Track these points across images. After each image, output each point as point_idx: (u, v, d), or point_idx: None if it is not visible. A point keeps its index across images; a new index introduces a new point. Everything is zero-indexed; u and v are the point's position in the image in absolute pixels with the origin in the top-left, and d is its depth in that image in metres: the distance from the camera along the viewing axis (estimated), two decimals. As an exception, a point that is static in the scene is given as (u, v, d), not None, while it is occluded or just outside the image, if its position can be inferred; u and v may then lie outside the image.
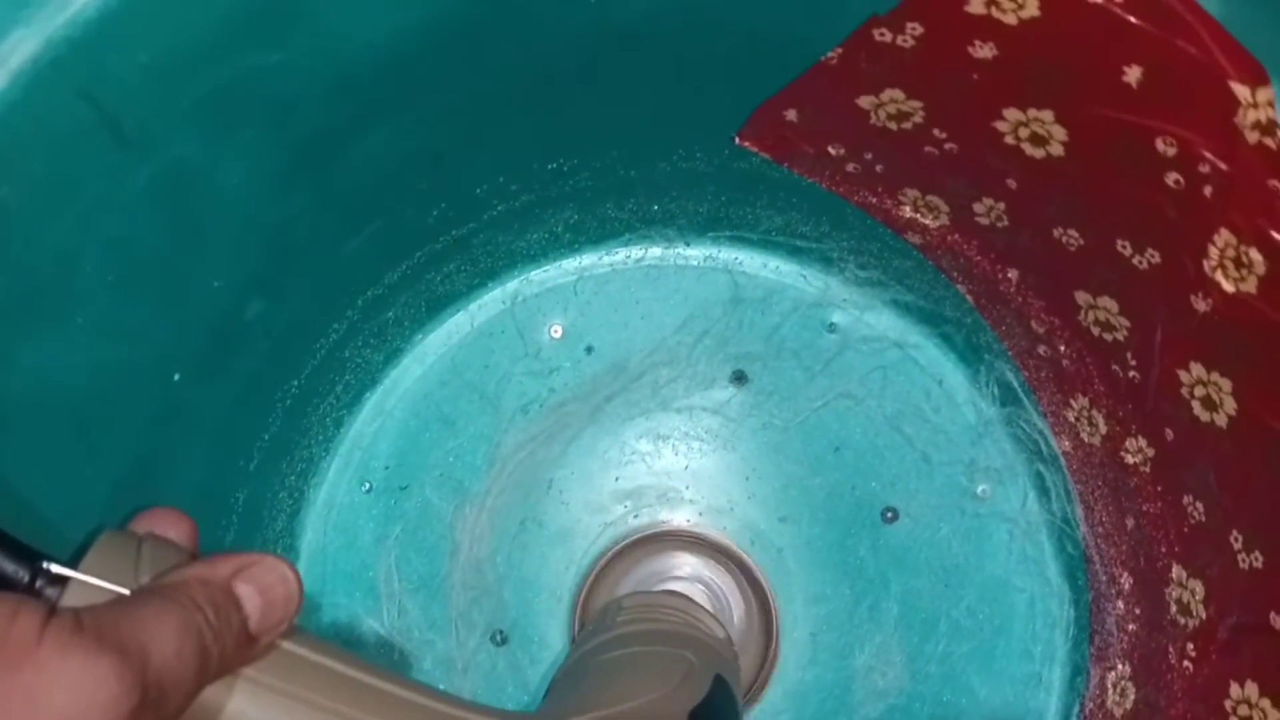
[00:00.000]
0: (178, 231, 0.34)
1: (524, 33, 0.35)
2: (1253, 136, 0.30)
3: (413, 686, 0.28)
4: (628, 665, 0.36)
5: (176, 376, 0.37)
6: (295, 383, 0.45)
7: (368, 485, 0.50)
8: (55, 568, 0.23)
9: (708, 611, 0.47)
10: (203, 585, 0.24)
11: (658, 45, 0.37)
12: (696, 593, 0.49)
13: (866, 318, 0.51)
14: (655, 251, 0.52)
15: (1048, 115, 0.35)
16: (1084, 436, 0.46)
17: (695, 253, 0.52)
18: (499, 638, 0.50)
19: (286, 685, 0.25)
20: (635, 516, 0.50)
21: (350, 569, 0.50)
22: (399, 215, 0.43)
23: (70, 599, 0.23)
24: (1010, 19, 0.32)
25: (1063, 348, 0.44)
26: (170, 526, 0.28)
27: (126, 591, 0.23)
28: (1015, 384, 0.48)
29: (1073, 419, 0.46)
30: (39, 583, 0.23)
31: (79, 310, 0.32)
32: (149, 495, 0.39)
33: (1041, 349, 0.46)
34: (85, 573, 0.23)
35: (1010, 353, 0.47)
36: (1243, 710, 0.38)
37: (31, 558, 0.23)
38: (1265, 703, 0.37)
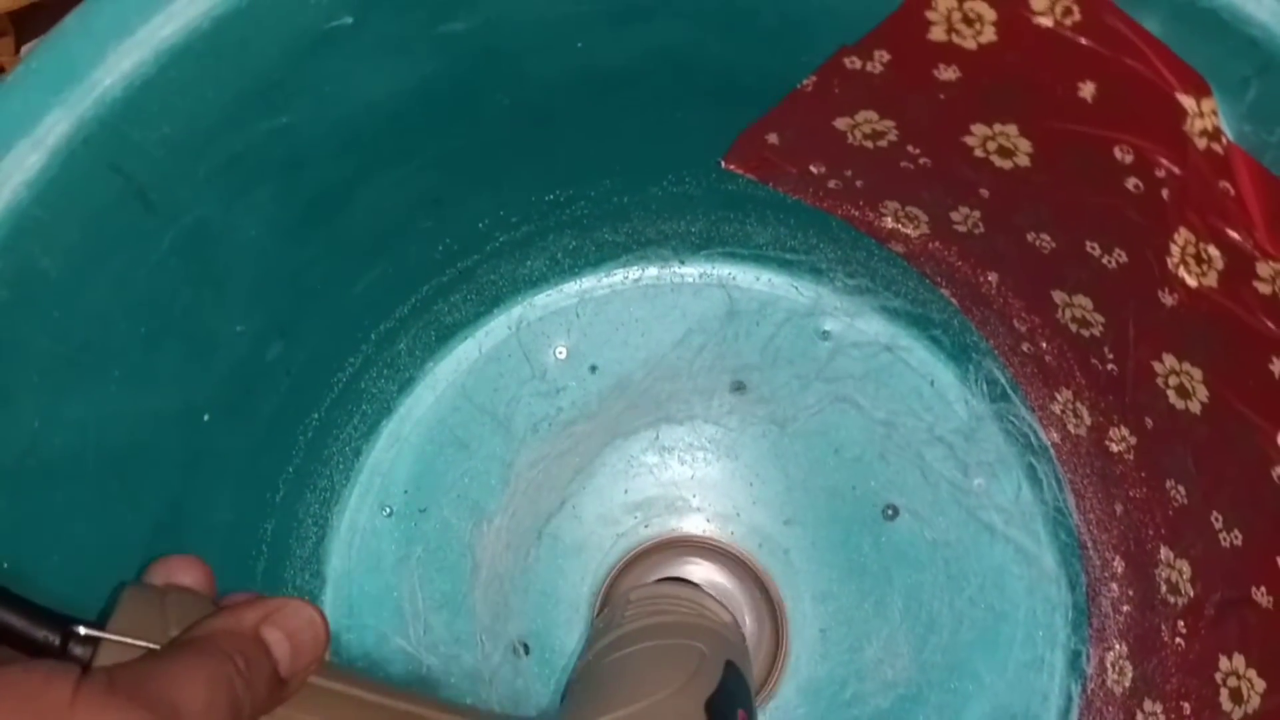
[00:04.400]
0: (201, 285, 0.36)
1: (514, 83, 0.37)
2: (1201, 143, 0.32)
3: (436, 705, 0.29)
4: (640, 661, 0.38)
5: (206, 417, 0.39)
6: (315, 416, 0.47)
7: (388, 510, 0.52)
8: (85, 630, 0.24)
9: (713, 598, 0.48)
10: (231, 635, 0.25)
11: (642, 85, 0.39)
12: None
13: (857, 324, 0.53)
14: (652, 271, 0.54)
15: (1012, 129, 0.37)
16: (1070, 428, 0.48)
17: (690, 270, 0.54)
18: (522, 649, 0.52)
19: (317, 719, 0.26)
20: (646, 526, 0.53)
21: (375, 591, 0.52)
22: (405, 253, 0.45)
23: (102, 659, 0.24)
24: (970, 44, 0.34)
25: (1044, 344, 0.46)
26: (186, 573, 0.28)
27: (157, 647, 0.24)
28: (1003, 381, 0.50)
29: (1059, 412, 0.48)
30: (70, 645, 0.24)
31: (114, 365, 0.34)
32: (185, 534, 0.41)
33: (1025, 346, 0.48)
34: (114, 631, 0.24)
35: (996, 351, 0.49)
36: (1232, 681, 0.40)
37: (62, 622, 0.24)
38: (1251, 672, 0.39)
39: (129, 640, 0.24)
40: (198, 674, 0.23)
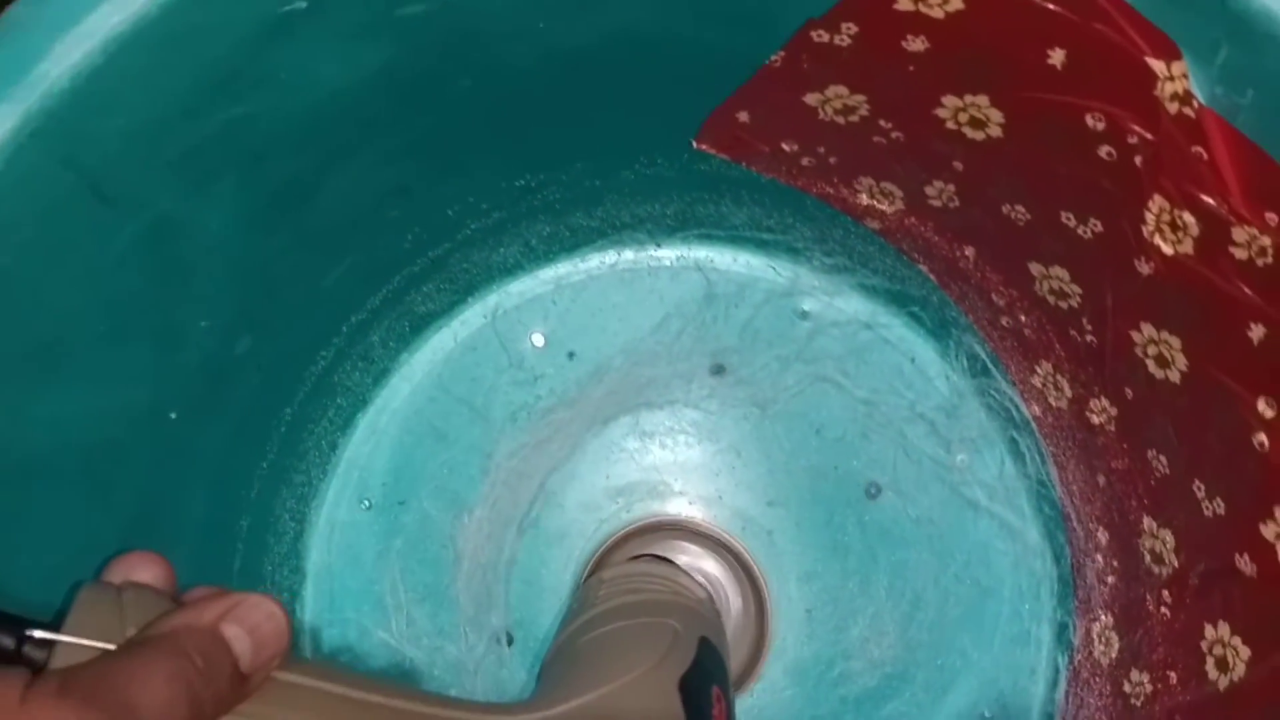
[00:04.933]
0: (165, 280, 0.35)
1: (477, 67, 0.37)
2: (1173, 107, 0.32)
3: (407, 694, 0.28)
4: (613, 641, 0.37)
5: (173, 415, 0.39)
6: (289, 411, 0.47)
7: (367, 503, 0.52)
8: (39, 633, 0.23)
9: (687, 574, 0.48)
10: (189, 632, 0.24)
11: (608, 65, 0.39)
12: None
13: (836, 303, 0.53)
14: (628, 255, 0.53)
15: (983, 100, 0.37)
16: (1051, 401, 0.48)
17: (667, 253, 0.53)
18: (506, 639, 0.51)
19: (283, 713, 0.26)
20: (628, 512, 0.52)
21: (357, 585, 0.51)
22: (375, 244, 0.44)
23: (59, 660, 0.23)
24: (937, 13, 0.34)
25: (1023, 317, 0.46)
26: (145, 570, 0.27)
27: (113, 647, 0.24)
28: (983, 355, 0.50)
29: (1039, 385, 0.48)
30: (25, 648, 0.23)
31: (80, 362, 0.33)
32: (159, 532, 0.40)
33: (1004, 320, 0.47)
34: (69, 632, 0.23)
35: (975, 326, 0.49)
36: (1217, 650, 0.40)
37: (16, 625, 0.23)
38: (1236, 640, 0.39)
39: (84, 641, 0.24)
40: (155, 673, 0.23)
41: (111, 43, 0.29)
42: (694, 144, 0.45)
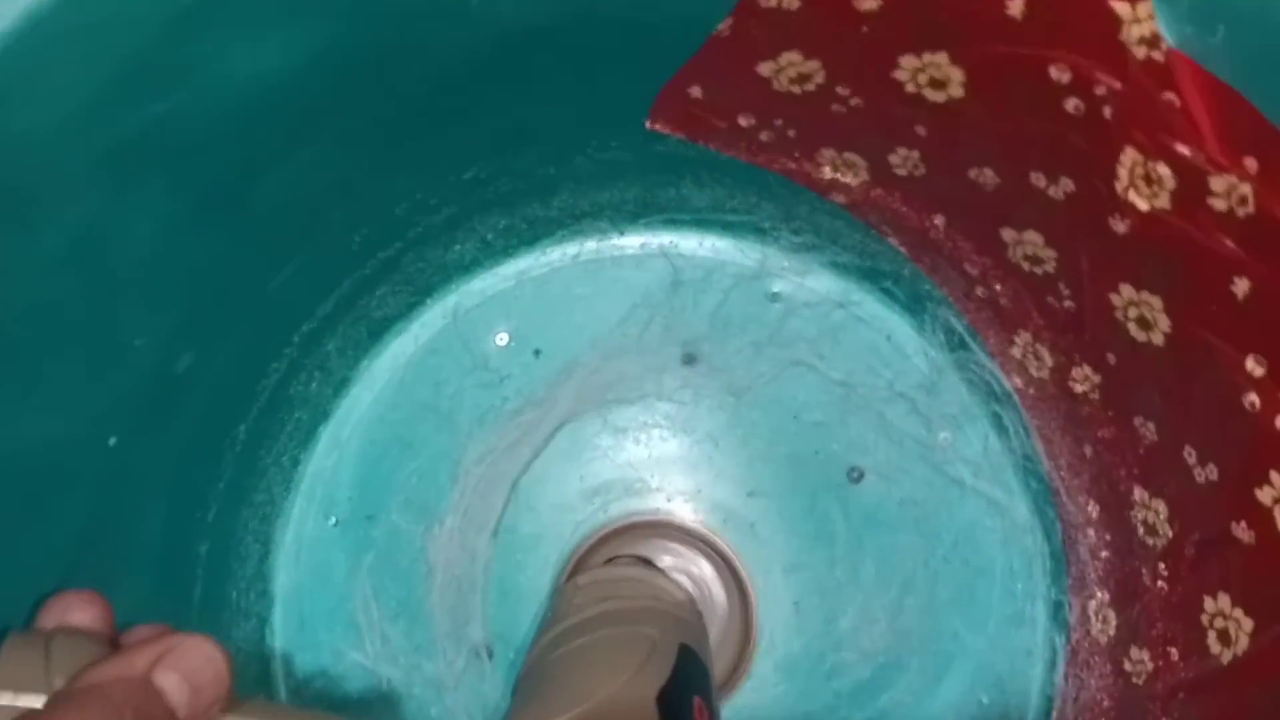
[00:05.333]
0: (93, 291, 0.33)
1: (414, 52, 0.35)
2: (1140, 51, 0.30)
3: None
4: (586, 656, 0.36)
5: (112, 441, 0.37)
6: (242, 428, 0.45)
7: (334, 519, 0.50)
8: None
9: (666, 576, 0.47)
10: (120, 684, 0.23)
11: (552, 45, 0.37)
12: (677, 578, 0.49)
13: (807, 283, 0.51)
14: (590, 245, 0.52)
15: (942, 58, 0.35)
16: (1032, 371, 0.46)
17: (630, 241, 0.52)
18: (486, 652, 0.50)
19: None
20: (604, 512, 0.50)
21: (327, 605, 0.49)
22: (320, 246, 0.42)
23: None
24: (888, -31, 0.32)
25: (998, 286, 0.44)
26: (80, 611, 0.26)
27: (38, 703, 0.22)
28: (960, 328, 0.48)
29: (1019, 356, 0.46)
30: None
31: (8, 382, 0.31)
32: (107, 563, 0.38)
33: (979, 290, 0.46)
34: None
35: (950, 298, 0.48)
36: (1219, 623, 0.38)
37: None
38: (1238, 612, 0.37)
39: (4, 701, 0.23)
40: None
41: (8, 37, 0.27)
42: (647, 124, 0.43)
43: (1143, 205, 0.34)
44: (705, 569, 0.50)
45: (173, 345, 0.38)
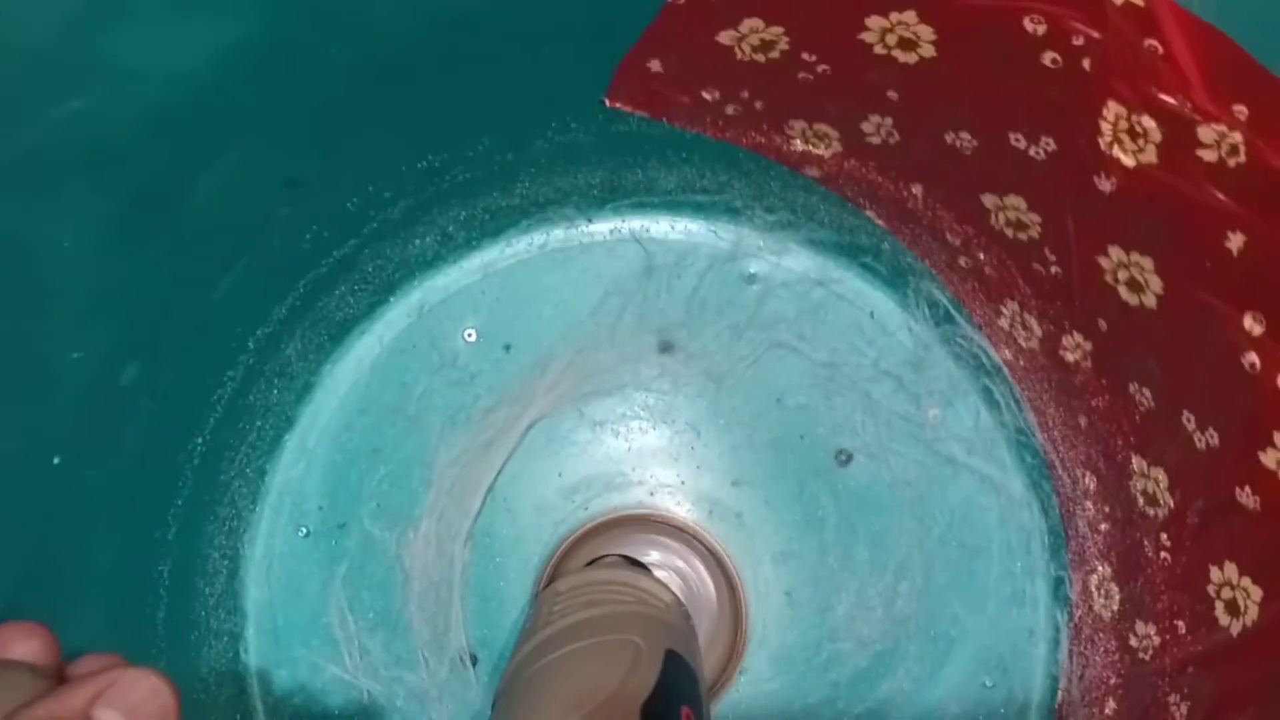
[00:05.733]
0: (17, 307, 0.31)
1: (350, 35, 0.33)
2: (1119, -2, 0.28)
3: None
4: (566, 668, 0.34)
5: (56, 460, 0.35)
6: (199, 440, 0.43)
7: (304, 530, 0.48)
8: None
9: (650, 575, 0.45)
10: None
11: (496, 21, 0.35)
12: (664, 575, 0.48)
13: (784, 262, 0.49)
14: (557, 233, 0.50)
15: (910, 16, 0.33)
16: (1021, 342, 0.44)
17: (599, 227, 0.50)
18: (469, 660, 0.48)
19: None
20: (585, 509, 0.48)
21: (302, 619, 0.48)
22: (267, 247, 0.40)
23: None
24: (848, -79, 0.30)
25: (982, 255, 0.42)
26: (21, 644, 0.25)
27: None
28: (944, 301, 0.46)
29: (1007, 326, 0.44)
30: None
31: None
32: (58, 590, 0.37)
33: (962, 260, 0.44)
34: None
35: (933, 270, 0.46)
36: (1226, 593, 0.37)
37: None
38: (1246, 581, 0.36)
39: None
40: None
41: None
42: (606, 102, 0.41)
43: (1128, 161, 0.32)
44: (692, 563, 0.48)
45: (115, 357, 0.36)
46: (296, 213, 0.40)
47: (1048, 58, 0.31)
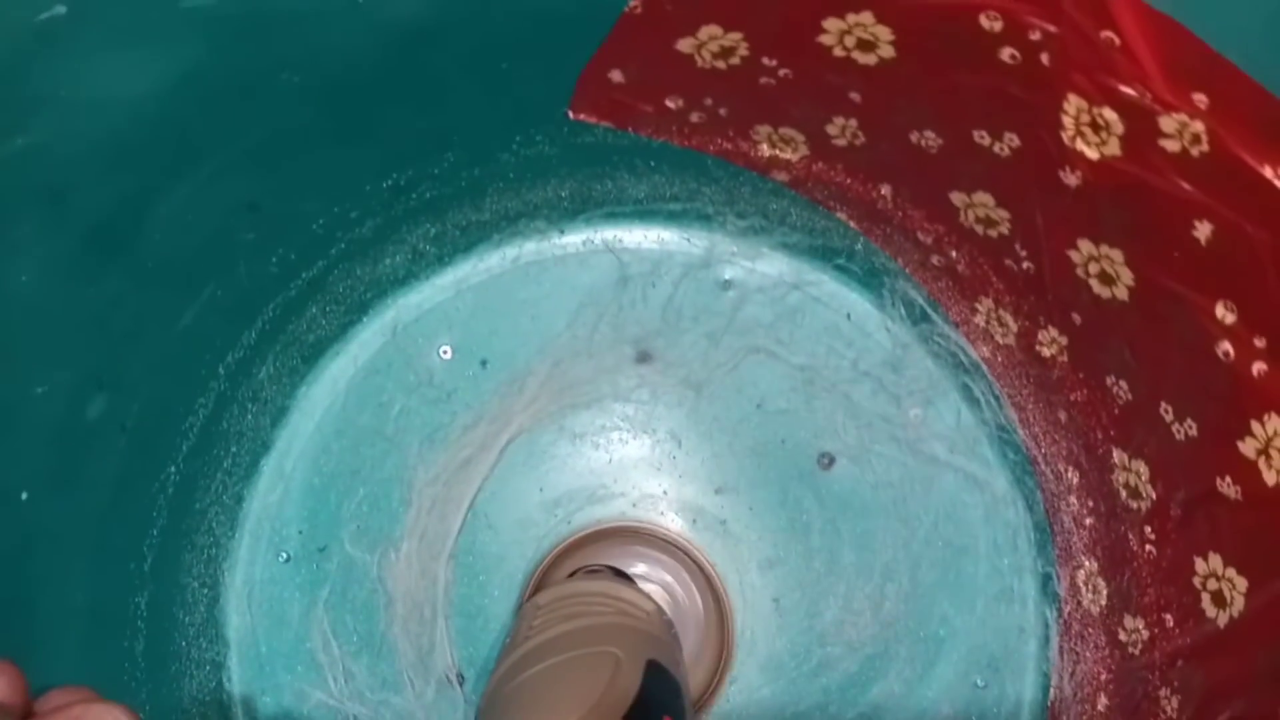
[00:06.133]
0: (-27, 347, 0.31)
1: (299, 57, 0.32)
2: (1073, -9, 0.28)
3: None
4: (544, 684, 0.33)
5: (24, 495, 0.34)
6: (172, 469, 0.42)
7: (284, 555, 0.48)
8: None
9: (632, 586, 0.44)
10: None
11: (451, 37, 0.34)
12: (649, 587, 0.47)
13: (759, 267, 0.49)
14: (530, 247, 0.49)
15: (867, 17, 0.33)
16: (998, 339, 0.44)
17: (571, 239, 0.49)
18: (456, 679, 0.47)
19: None
20: (568, 523, 0.48)
21: (285, 646, 0.47)
22: (233, 273, 0.40)
23: None
24: (798, -76, 0.30)
25: (954, 253, 0.42)
26: None
27: None
28: (920, 300, 0.46)
29: (983, 324, 0.44)
30: None
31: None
32: (30, 628, 0.36)
33: (935, 259, 0.44)
34: None
35: (907, 270, 0.45)
36: (1211, 584, 0.36)
37: None
38: (1231, 571, 0.35)
39: None
40: None
41: None
42: (570, 114, 0.41)
43: (1092, 154, 0.32)
44: (678, 573, 0.48)
45: (81, 391, 0.36)
46: (261, 237, 0.40)
47: (1006, 53, 0.31)
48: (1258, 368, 0.31)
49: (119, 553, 0.40)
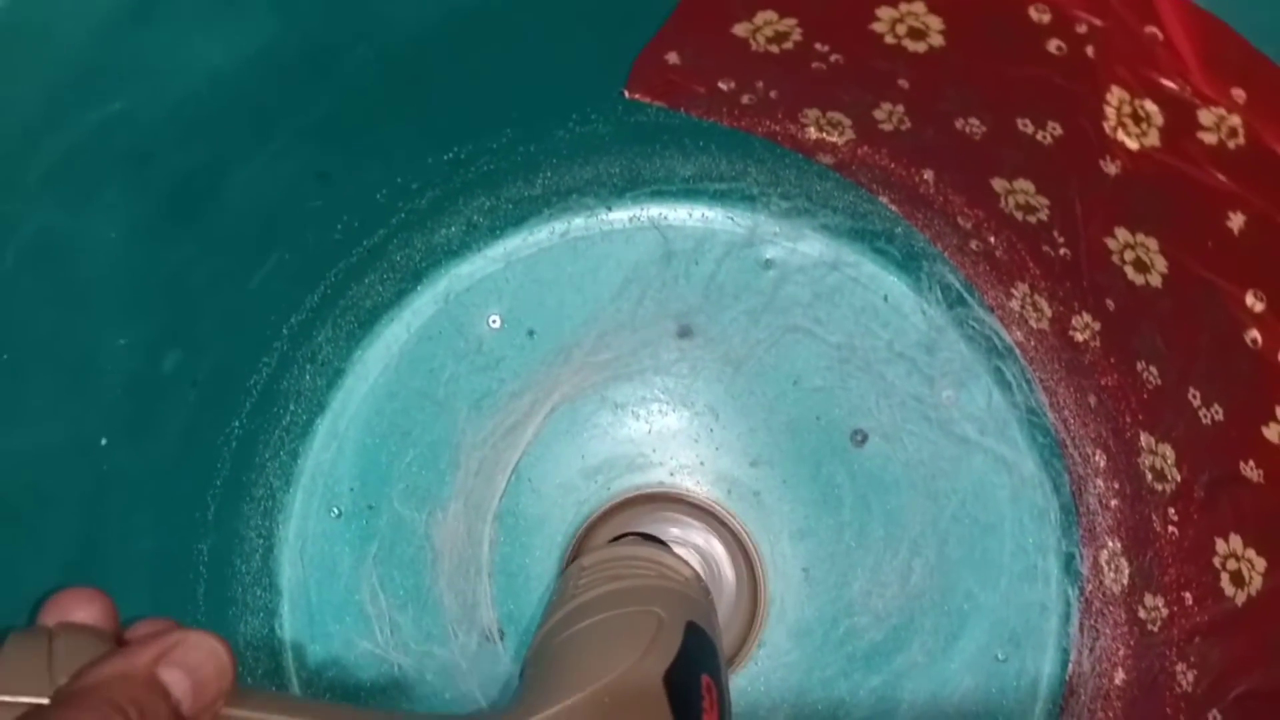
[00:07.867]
0: (63, 300, 0.33)
1: (373, 34, 0.34)
2: (1120, -13, 0.29)
3: (367, 715, 0.27)
4: (592, 638, 0.35)
5: (104, 441, 0.37)
6: (236, 424, 0.44)
7: (336, 511, 0.50)
8: None
9: (672, 553, 0.46)
10: (123, 681, 0.23)
11: (515, 17, 0.36)
12: (684, 552, 0.49)
13: (800, 247, 0.50)
14: (578, 222, 0.51)
15: (919, 7, 0.34)
16: (1032, 323, 0.45)
17: (619, 215, 0.51)
18: (496, 634, 0.49)
19: None
20: (607, 490, 0.50)
21: (335, 597, 0.49)
22: (300, 239, 0.42)
23: None
24: (856, -83, 0.31)
25: (992, 239, 0.43)
26: (82, 608, 0.26)
27: (45, 700, 0.22)
28: (957, 284, 0.47)
29: (1018, 308, 0.45)
30: None
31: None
32: (103, 570, 0.38)
33: (973, 244, 0.45)
34: None
35: (945, 254, 0.47)
36: (1231, 564, 0.38)
37: None
38: (1250, 552, 0.37)
39: (8, 698, 0.22)
40: None
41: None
42: (625, 94, 0.42)
43: (1132, 144, 0.33)
44: (712, 541, 0.49)
45: (157, 346, 0.38)
46: (328, 205, 0.41)
47: (1052, 45, 0.32)
48: (1284, 355, 0.33)
49: (185, 501, 0.43)
